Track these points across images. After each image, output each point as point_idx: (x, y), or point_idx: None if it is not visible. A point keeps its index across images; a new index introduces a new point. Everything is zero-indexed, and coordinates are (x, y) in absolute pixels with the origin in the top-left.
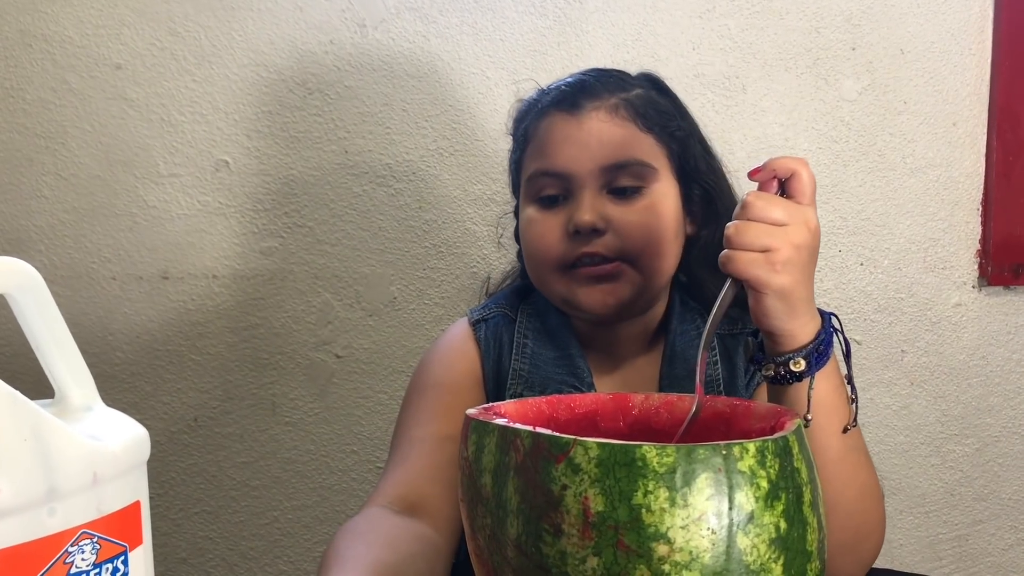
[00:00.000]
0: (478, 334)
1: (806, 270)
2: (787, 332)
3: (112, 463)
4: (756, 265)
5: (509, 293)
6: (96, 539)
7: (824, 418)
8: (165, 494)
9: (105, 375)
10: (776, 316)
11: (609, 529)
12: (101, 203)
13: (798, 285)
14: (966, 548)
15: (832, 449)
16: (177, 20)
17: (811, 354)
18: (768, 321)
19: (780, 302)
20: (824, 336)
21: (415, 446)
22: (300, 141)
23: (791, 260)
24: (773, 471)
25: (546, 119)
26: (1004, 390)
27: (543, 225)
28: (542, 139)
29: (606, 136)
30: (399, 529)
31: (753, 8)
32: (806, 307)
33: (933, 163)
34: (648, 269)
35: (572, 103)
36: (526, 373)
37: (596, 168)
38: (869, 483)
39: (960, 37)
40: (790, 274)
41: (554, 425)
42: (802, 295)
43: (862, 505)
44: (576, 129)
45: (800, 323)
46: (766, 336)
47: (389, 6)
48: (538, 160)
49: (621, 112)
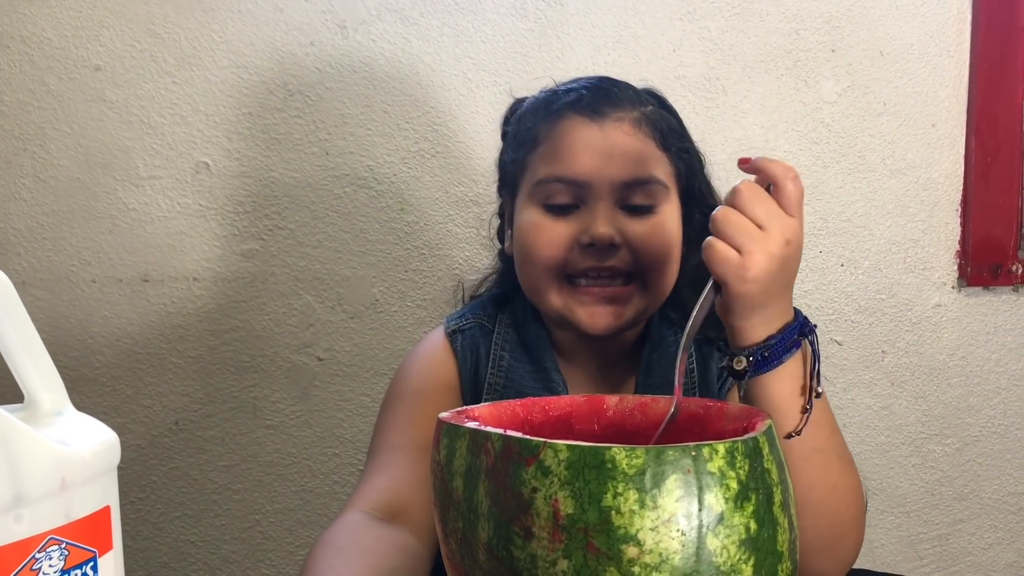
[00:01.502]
0: (454, 345)
1: (777, 280)
2: (737, 328)
3: (81, 468)
4: (729, 265)
5: (486, 302)
6: (64, 545)
7: (781, 420)
8: (146, 498)
9: (85, 379)
10: (731, 312)
11: (579, 532)
12: (80, 206)
13: (761, 295)
14: (947, 547)
15: (794, 450)
16: (157, 22)
17: (754, 355)
18: (724, 314)
19: (739, 303)
20: (776, 343)
21: (397, 454)
22: (281, 143)
23: (762, 270)
24: (743, 472)
25: (564, 121)
26: (984, 390)
27: (550, 232)
28: (558, 142)
29: (629, 150)
30: (381, 542)
31: (733, 10)
32: (764, 312)
33: (913, 164)
34: (655, 289)
35: (594, 109)
36: (501, 387)
37: (616, 181)
38: (841, 484)
39: (939, 39)
40: (757, 284)
41: (529, 427)
42: (763, 302)
43: (832, 505)
44: (599, 137)
45: (751, 323)
46: (726, 329)
47: (370, 8)
48: (553, 164)
49: (644, 127)
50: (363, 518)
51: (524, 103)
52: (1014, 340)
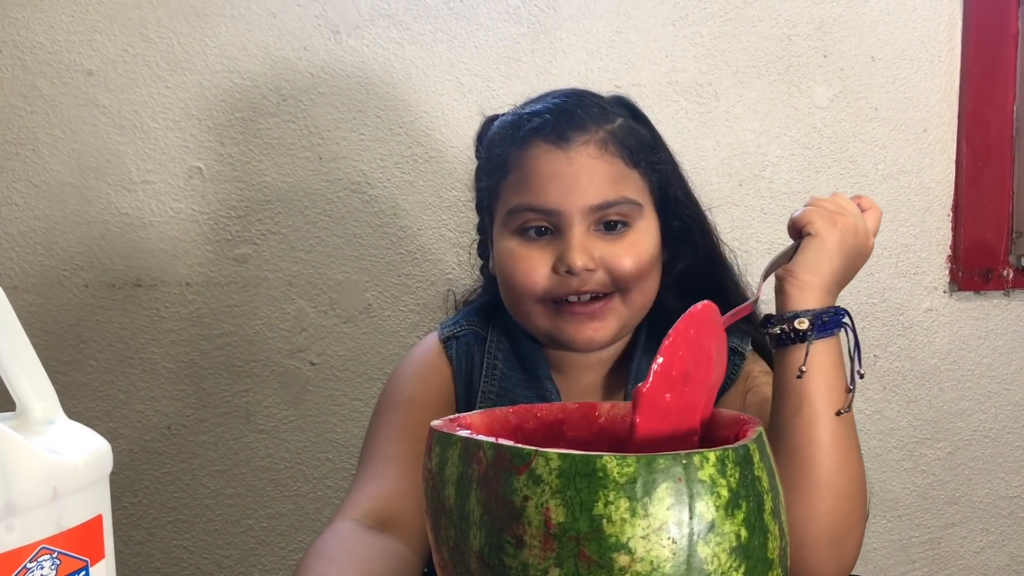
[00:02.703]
0: (449, 351)
1: (848, 255)
2: (799, 293)
3: (73, 477)
4: (820, 214)
5: (479, 308)
6: (56, 554)
7: (823, 390)
8: (139, 503)
9: (77, 383)
10: (802, 267)
11: (570, 540)
12: (73, 210)
13: (837, 252)
14: (938, 551)
15: (826, 424)
16: (149, 26)
17: (816, 318)
18: (793, 273)
19: (815, 254)
20: (833, 313)
21: (390, 462)
22: (274, 148)
23: (849, 228)
24: (734, 480)
25: (531, 149)
26: (975, 394)
27: (528, 261)
28: (527, 171)
29: (596, 174)
30: (372, 549)
31: (726, 16)
32: (826, 280)
33: (904, 169)
34: (634, 303)
35: (559, 135)
36: (494, 396)
37: (586, 206)
38: (858, 471)
39: (930, 44)
40: (841, 235)
41: (521, 434)
42: (832, 265)
43: (852, 491)
44: (565, 165)
45: (814, 285)
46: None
47: (363, 13)
48: (523, 194)
49: (610, 148)
50: (354, 526)
51: (493, 125)
52: (1005, 344)
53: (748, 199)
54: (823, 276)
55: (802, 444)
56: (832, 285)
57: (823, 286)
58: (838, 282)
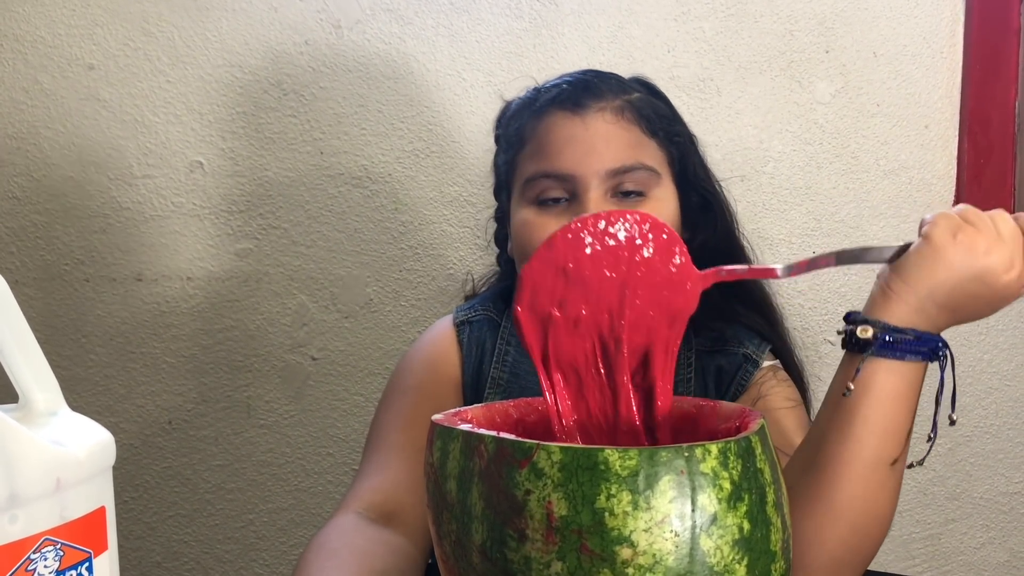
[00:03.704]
0: (461, 336)
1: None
2: (889, 290)
3: (76, 468)
4: (946, 218)
5: (496, 294)
6: (59, 546)
7: (875, 415)
8: (139, 497)
9: (78, 378)
10: (900, 272)
11: (572, 533)
12: (74, 204)
13: (944, 269)
14: (938, 547)
15: (866, 452)
16: (151, 20)
17: (884, 332)
18: (889, 275)
19: (918, 262)
20: (911, 338)
21: (393, 452)
22: (275, 142)
23: (974, 246)
24: (736, 472)
25: (546, 118)
26: (976, 390)
27: (543, 228)
28: (542, 139)
29: (613, 138)
30: (373, 543)
31: (728, 11)
32: (920, 296)
33: (906, 165)
34: None
35: (575, 102)
36: (504, 382)
37: (603, 171)
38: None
39: (932, 40)
40: (956, 252)
41: (522, 428)
42: (933, 280)
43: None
44: (581, 129)
45: (903, 297)
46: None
47: (364, 7)
48: (539, 161)
49: (627, 114)
50: (356, 520)
51: (511, 105)
52: (1006, 340)
53: (749, 195)
54: (918, 291)
55: (832, 463)
56: (928, 304)
57: (916, 302)
58: (940, 304)
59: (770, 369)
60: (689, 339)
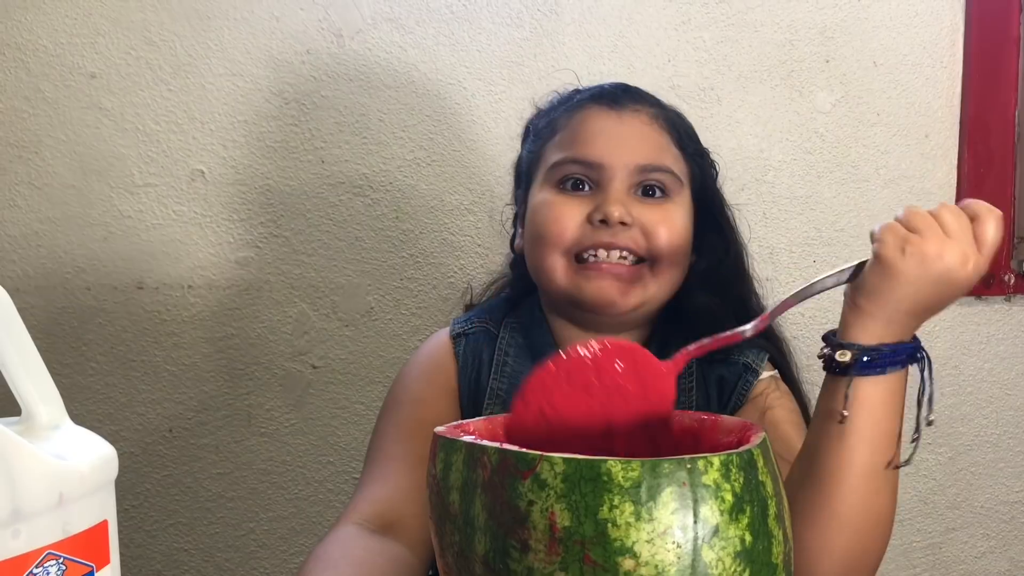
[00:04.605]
0: (457, 348)
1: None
2: (855, 320)
3: (79, 483)
4: (893, 233)
5: (495, 305)
6: (62, 559)
7: (863, 425)
8: (140, 506)
9: (79, 386)
10: (863, 293)
11: (575, 544)
12: (75, 213)
13: (908, 284)
14: (939, 556)
15: (859, 461)
16: (152, 29)
17: (862, 354)
18: (853, 297)
19: (877, 281)
20: (886, 352)
21: (392, 463)
22: (276, 151)
23: (924, 258)
24: (738, 484)
25: (582, 111)
26: (976, 399)
27: (561, 208)
28: (575, 129)
29: (646, 136)
30: (373, 554)
31: (728, 21)
32: (889, 312)
33: (906, 174)
34: (662, 276)
35: (613, 99)
36: (503, 393)
37: (632, 164)
38: (885, 516)
39: (932, 50)
40: (910, 265)
41: (523, 440)
42: (896, 296)
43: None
44: (616, 123)
45: (871, 316)
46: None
47: (366, 16)
48: (568, 148)
49: (660, 122)
50: (356, 531)
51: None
52: (1006, 349)
53: (749, 204)
54: (884, 307)
55: (829, 474)
56: (897, 316)
57: (884, 317)
58: (907, 312)
59: (772, 380)
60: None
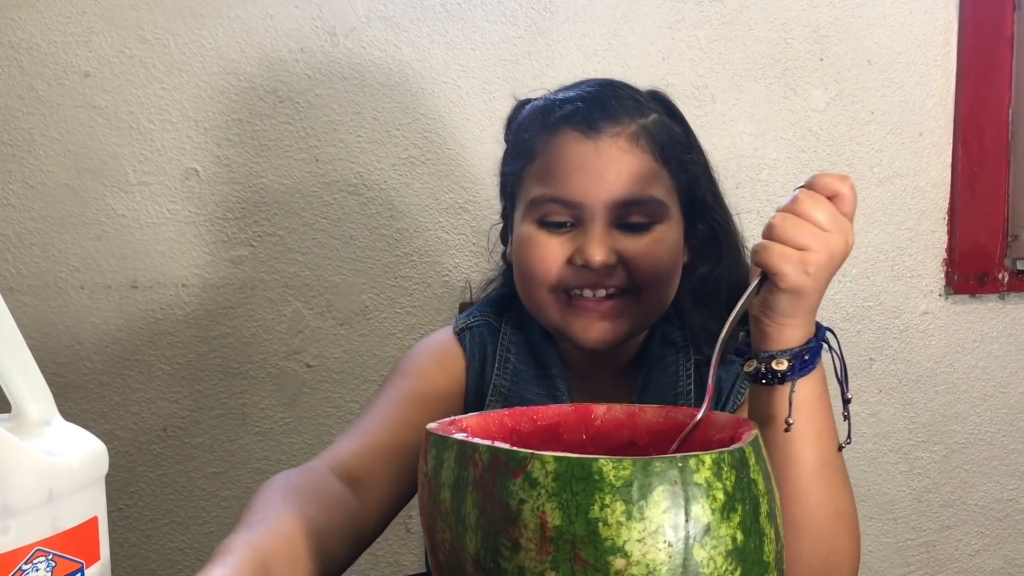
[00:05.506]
0: (463, 342)
1: (827, 281)
2: (778, 331)
3: (69, 479)
4: (788, 260)
5: (494, 300)
6: (51, 556)
7: (804, 424)
8: (134, 505)
9: (73, 385)
10: (779, 312)
11: (566, 543)
12: (69, 212)
13: (815, 292)
14: (934, 554)
15: (808, 460)
16: (146, 27)
17: (796, 357)
18: (769, 315)
19: (791, 302)
20: (814, 345)
21: (378, 421)
22: (270, 150)
23: (823, 265)
24: (729, 483)
25: (558, 136)
26: (970, 397)
27: (544, 248)
28: (553, 159)
29: (624, 167)
30: (335, 495)
31: (722, 19)
32: (807, 314)
33: (900, 173)
34: (650, 303)
35: (589, 124)
36: (506, 390)
37: (611, 200)
38: (844, 506)
39: (926, 48)
40: (815, 279)
41: (517, 437)
42: (811, 303)
43: (834, 529)
44: (593, 156)
45: (794, 324)
46: (757, 329)
47: (360, 15)
48: (547, 184)
49: (641, 143)
50: (323, 470)
51: (524, 110)
52: (1000, 347)
53: (744, 202)
54: (804, 315)
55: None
56: (810, 315)
57: (804, 321)
58: (815, 306)
59: None
60: (688, 351)
